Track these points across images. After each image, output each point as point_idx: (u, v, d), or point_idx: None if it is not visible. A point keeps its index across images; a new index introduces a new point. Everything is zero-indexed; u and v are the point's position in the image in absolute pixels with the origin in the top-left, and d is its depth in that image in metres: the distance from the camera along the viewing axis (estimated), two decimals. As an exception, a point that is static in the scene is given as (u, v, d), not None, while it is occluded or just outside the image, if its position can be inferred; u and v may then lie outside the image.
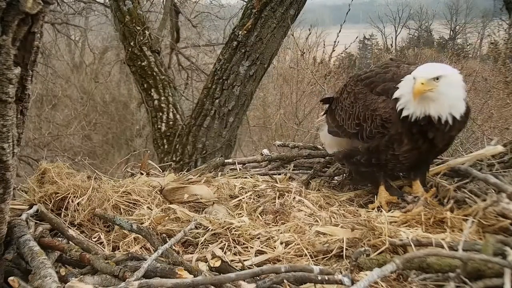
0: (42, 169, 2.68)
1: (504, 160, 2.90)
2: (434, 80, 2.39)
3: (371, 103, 2.64)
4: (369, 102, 2.66)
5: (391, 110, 2.53)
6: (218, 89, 5.51)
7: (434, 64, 2.59)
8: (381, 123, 2.57)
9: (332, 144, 3.16)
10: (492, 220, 2.10)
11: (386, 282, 1.74)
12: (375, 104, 2.62)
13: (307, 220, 2.47)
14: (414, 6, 35.62)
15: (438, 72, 2.42)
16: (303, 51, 9.03)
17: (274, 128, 10.09)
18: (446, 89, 2.41)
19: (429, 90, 2.38)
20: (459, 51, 22.66)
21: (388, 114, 2.54)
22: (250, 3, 5.44)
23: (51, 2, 1.61)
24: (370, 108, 2.64)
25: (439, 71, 2.44)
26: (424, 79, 2.38)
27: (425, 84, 2.38)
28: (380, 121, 2.57)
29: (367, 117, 2.65)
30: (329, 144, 3.23)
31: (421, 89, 2.36)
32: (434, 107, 2.43)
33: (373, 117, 2.61)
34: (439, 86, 2.40)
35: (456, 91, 2.47)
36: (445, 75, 2.43)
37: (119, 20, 6.21)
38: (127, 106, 14.52)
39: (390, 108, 2.54)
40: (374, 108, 2.61)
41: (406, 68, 2.65)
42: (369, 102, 2.65)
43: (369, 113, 2.64)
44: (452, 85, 2.45)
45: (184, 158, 5.67)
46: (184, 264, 1.78)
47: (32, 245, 1.93)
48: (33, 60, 1.70)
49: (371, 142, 2.65)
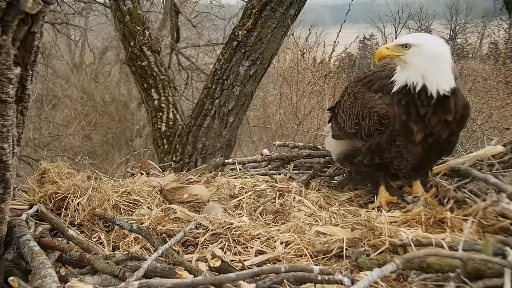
0: (42, 169, 2.68)
1: (504, 160, 2.90)
2: (402, 47, 2.46)
3: (368, 101, 2.65)
4: (366, 100, 2.66)
5: (387, 106, 2.53)
6: (218, 89, 5.51)
7: (420, 34, 2.58)
8: (378, 120, 2.56)
9: (337, 149, 3.10)
10: (492, 220, 2.10)
11: (386, 282, 1.73)
12: (372, 101, 2.62)
13: (307, 220, 2.46)
14: (414, 6, 35.62)
15: (407, 40, 2.49)
16: (303, 51, 9.04)
17: (274, 128, 10.09)
18: (415, 59, 2.44)
19: (395, 55, 2.47)
20: (459, 51, 22.61)
21: (385, 110, 2.54)
22: (250, 3, 5.44)
23: (51, 2, 1.61)
24: (367, 106, 2.64)
25: (409, 39, 2.50)
26: (390, 45, 2.48)
27: (390, 49, 2.47)
28: (377, 118, 2.57)
29: (365, 115, 2.65)
30: (333, 150, 3.17)
31: (383, 52, 2.49)
32: (407, 75, 2.48)
33: (370, 114, 2.61)
34: (407, 55, 2.45)
35: (432, 63, 2.44)
36: (417, 44, 2.46)
37: (119, 20, 6.21)
38: (127, 106, 14.52)
39: (386, 104, 2.54)
40: (371, 105, 2.62)
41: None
42: (367, 100, 2.66)
43: (366, 111, 2.64)
44: (426, 56, 2.44)
45: (184, 158, 5.67)
46: (184, 264, 1.78)
47: (32, 245, 1.93)
48: (33, 60, 1.70)
49: (370, 140, 2.65)
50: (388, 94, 2.56)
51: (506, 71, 8.79)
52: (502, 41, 11.21)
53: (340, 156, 3.03)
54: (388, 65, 2.75)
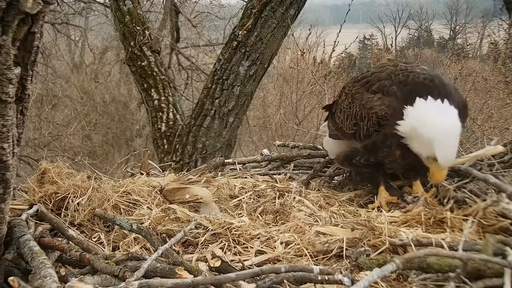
0: (42, 169, 2.68)
1: (504, 160, 2.90)
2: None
3: (367, 102, 2.64)
4: (365, 101, 2.66)
5: (386, 108, 2.53)
6: (218, 89, 5.51)
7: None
8: (377, 121, 2.56)
9: (334, 149, 3.11)
10: (492, 220, 2.10)
11: (386, 282, 1.73)
12: (371, 102, 2.61)
13: (307, 220, 2.46)
14: (414, 6, 35.69)
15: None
16: (303, 51, 9.04)
17: (274, 128, 10.08)
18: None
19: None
20: (459, 51, 22.65)
21: (384, 111, 2.54)
22: (250, 3, 5.44)
23: (51, 2, 1.61)
24: (366, 107, 2.63)
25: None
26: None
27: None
28: (376, 119, 2.57)
29: (364, 116, 2.64)
30: (331, 150, 3.19)
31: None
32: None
33: (369, 115, 2.61)
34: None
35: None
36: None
37: (119, 20, 6.20)
38: (127, 106, 14.52)
39: (385, 105, 2.54)
40: (370, 106, 2.61)
41: (404, 67, 2.64)
42: (365, 101, 2.65)
43: (365, 111, 2.63)
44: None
45: (184, 158, 5.67)
46: (184, 264, 1.78)
47: (32, 245, 1.93)
48: (33, 60, 1.70)
49: (368, 140, 2.65)
50: (388, 95, 2.56)
51: (506, 71, 8.78)
52: (502, 41, 11.19)
53: (339, 157, 3.04)
54: (387, 66, 2.75)
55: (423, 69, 2.64)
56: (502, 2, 6.64)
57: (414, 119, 2.42)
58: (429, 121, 2.37)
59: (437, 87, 2.49)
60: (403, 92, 2.53)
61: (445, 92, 2.48)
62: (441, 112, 2.39)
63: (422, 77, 2.53)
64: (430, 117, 2.38)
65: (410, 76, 2.55)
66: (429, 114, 2.39)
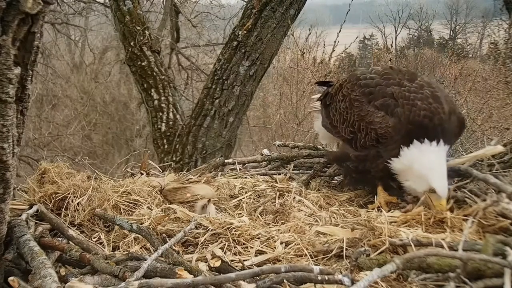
0: (42, 169, 2.68)
1: (504, 160, 2.90)
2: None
3: (366, 115, 2.64)
4: (364, 113, 2.65)
5: (388, 128, 2.54)
6: (218, 89, 5.51)
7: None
8: (376, 138, 2.59)
9: (326, 136, 3.26)
10: (492, 220, 2.10)
11: (386, 282, 1.73)
12: (371, 117, 2.61)
13: (307, 220, 2.46)
14: (414, 6, 35.68)
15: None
16: (303, 51, 9.04)
17: (274, 128, 10.10)
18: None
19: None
20: (459, 51, 22.65)
21: (384, 130, 2.55)
22: (250, 3, 5.45)
23: (51, 2, 1.61)
24: (365, 120, 2.63)
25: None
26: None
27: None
28: (374, 135, 2.59)
29: (362, 128, 2.66)
30: (322, 136, 3.32)
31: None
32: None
33: (367, 130, 2.62)
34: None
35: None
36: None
37: (119, 20, 6.21)
38: (127, 106, 14.54)
39: (390, 127, 2.54)
40: (369, 120, 2.61)
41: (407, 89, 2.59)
42: (365, 113, 2.65)
43: (364, 124, 2.64)
44: None
45: (184, 158, 5.68)
46: (184, 264, 1.78)
47: (32, 245, 1.93)
48: (33, 60, 1.70)
49: (362, 152, 2.69)
50: (392, 116, 2.55)
51: (506, 71, 8.78)
52: (502, 41, 11.19)
53: (330, 155, 3.18)
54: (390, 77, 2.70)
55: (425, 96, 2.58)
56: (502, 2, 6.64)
57: (408, 160, 2.52)
58: (422, 161, 2.48)
59: (435, 127, 2.50)
60: (402, 131, 2.54)
61: (442, 129, 2.50)
62: (432, 152, 2.49)
63: (423, 114, 2.51)
64: (424, 158, 2.48)
65: (412, 113, 2.52)
66: (423, 155, 2.49)
